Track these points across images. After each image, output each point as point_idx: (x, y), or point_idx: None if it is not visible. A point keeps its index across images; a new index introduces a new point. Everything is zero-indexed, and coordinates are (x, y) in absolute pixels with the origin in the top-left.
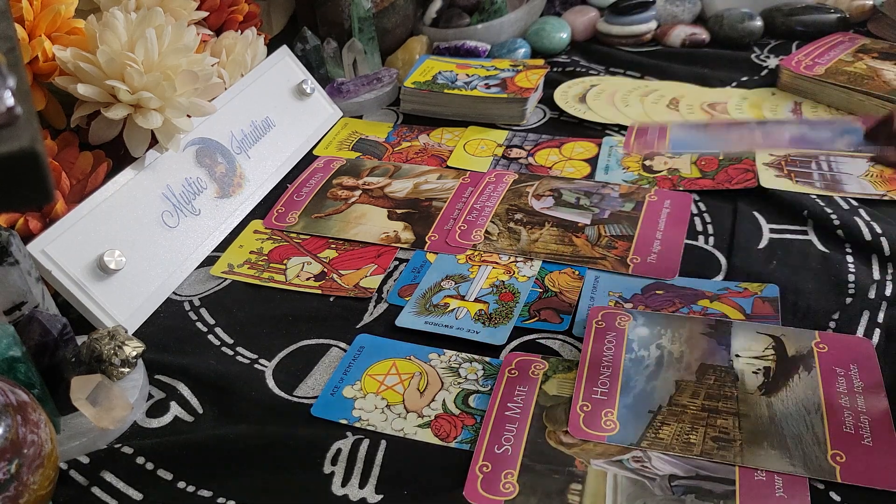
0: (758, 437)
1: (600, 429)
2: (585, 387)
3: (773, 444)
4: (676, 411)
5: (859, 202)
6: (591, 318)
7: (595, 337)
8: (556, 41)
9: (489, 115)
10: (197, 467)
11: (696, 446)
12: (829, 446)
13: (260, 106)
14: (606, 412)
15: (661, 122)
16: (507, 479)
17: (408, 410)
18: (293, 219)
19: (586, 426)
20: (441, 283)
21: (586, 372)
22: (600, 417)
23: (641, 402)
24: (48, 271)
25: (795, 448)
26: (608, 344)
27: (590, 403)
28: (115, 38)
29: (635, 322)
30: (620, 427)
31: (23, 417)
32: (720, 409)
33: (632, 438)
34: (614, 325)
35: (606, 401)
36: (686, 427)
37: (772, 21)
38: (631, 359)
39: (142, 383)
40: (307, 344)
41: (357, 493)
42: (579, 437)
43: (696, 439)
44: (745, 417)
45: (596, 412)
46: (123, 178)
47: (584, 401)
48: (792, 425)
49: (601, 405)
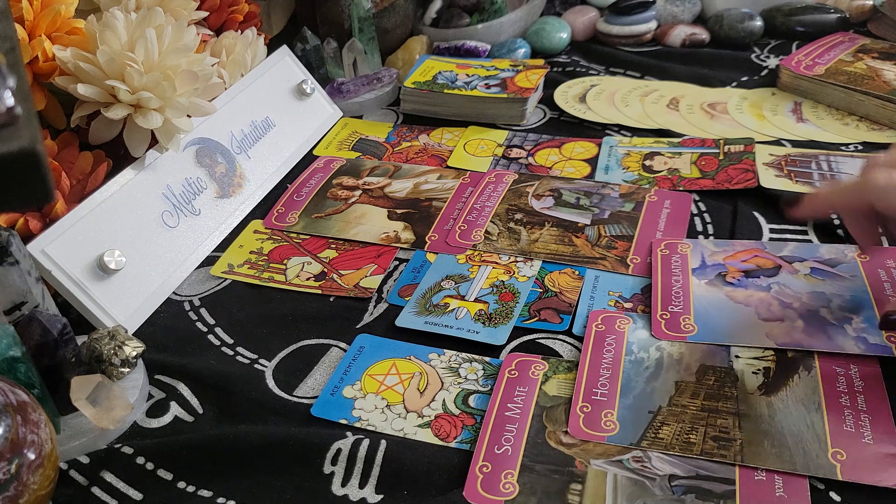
0: (758, 437)
1: (600, 429)
2: (585, 389)
3: (774, 443)
4: (676, 412)
5: None
6: (591, 321)
7: (595, 340)
8: (556, 41)
9: (489, 115)
10: (197, 467)
11: (696, 446)
12: (829, 444)
13: (260, 106)
14: (606, 413)
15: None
16: (507, 479)
17: (408, 410)
18: (293, 219)
19: (586, 427)
20: (441, 283)
21: (586, 374)
22: (600, 418)
23: (641, 403)
24: (48, 271)
25: (796, 446)
26: (608, 347)
27: (590, 405)
28: (115, 38)
29: (635, 325)
30: (620, 427)
31: (23, 417)
32: (720, 409)
33: (631, 438)
34: (614, 328)
35: (606, 402)
36: (686, 427)
37: (772, 21)
38: (631, 360)
39: (142, 383)
40: (307, 344)
41: (357, 493)
42: (579, 437)
43: (696, 439)
44: (745, 417)
45: (596, 413)
46: (123, 178)
47: (584, 402)
48: (792, 424)
49: (601, 406)
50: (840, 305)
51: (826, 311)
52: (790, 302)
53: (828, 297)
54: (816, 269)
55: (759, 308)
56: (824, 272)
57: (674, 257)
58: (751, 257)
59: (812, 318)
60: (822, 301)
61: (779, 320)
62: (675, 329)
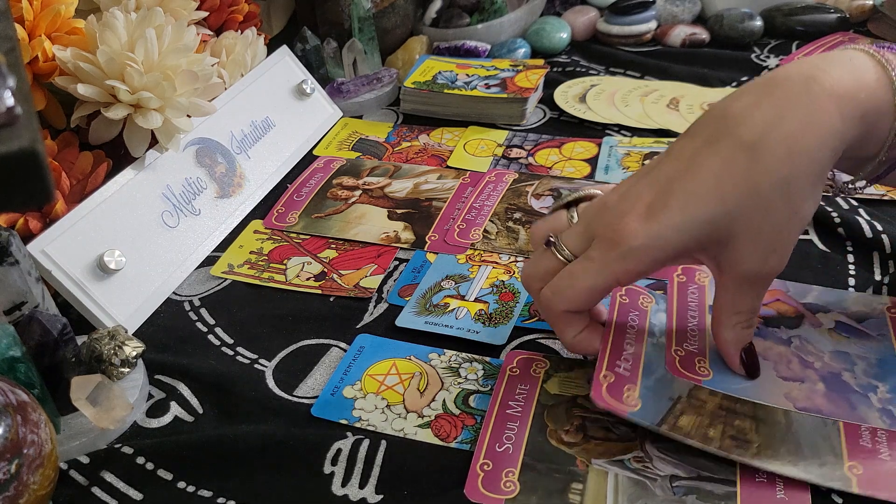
0: (774, 443)
1: (622, 402)
2: (609, 358)
3: (790, 451)
4: (696, 404)
5: (859, 202)
6: (615, 292)
7: (619, 311)
8: (556, 41)
9: (489, 115)
10: (197, 467)
11: (715, 441)
12: (845, 458)
13: (260, 106)
14: (629, 387)
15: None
16: (507, 477)
17: (408, 410)
18: (293, 219)
19: (610, 395)
20: (441, 283)
21: (611, 342)
22: (622, 392)
23: (662, 388)
24: (48, 271)
25: (812, 457)
26: (631, 322)
27: (613, 375)
28: (115, 38)
29: (657, 307)
30: (643, 405)
31: (23, 417)
32: (738, 410)
33: (654, 419)
34: (637, 303)
35: (629, 377)
36: (705, 420)
37: (772, 21)
38: (653, 343)
39: (142, 383)
40: (307, 344)
41: (357, 493)
42: (601, 404)
43: (714, 434)
44: (762, 422)
45: (619, 385)
46: (123, 178)
47: (607, 370)
48: (808, 435)
49: (623, 380)
50: (865, 370)
51: (849, 375)
52: (811, 361)
53: (852, 359)
54: (842, 323)
55: (777, 364)
56: (850, 328)
57: (690, 287)
58: (772, 300)
59: (834, 381)
60: (845, 363)
61: (799, 381)
62: (690, 369)
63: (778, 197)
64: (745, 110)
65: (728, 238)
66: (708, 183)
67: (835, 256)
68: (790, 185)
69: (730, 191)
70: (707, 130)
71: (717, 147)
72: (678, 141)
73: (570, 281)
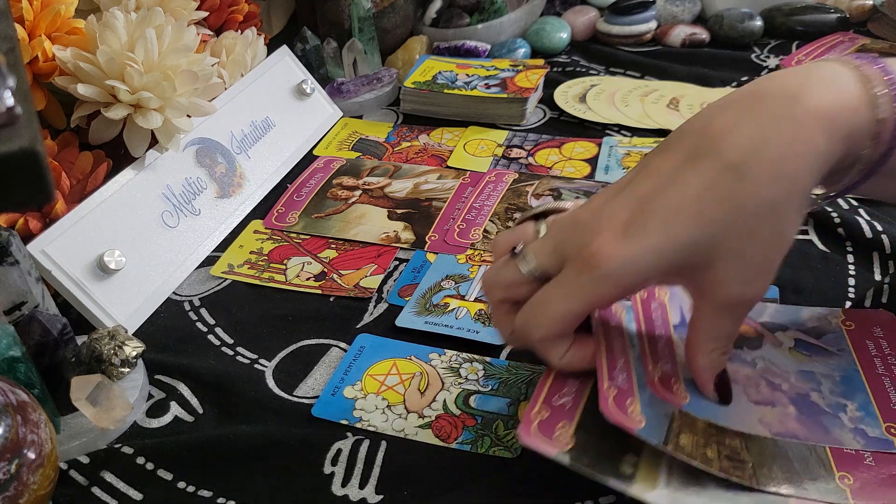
0: (766, 460)
1: (628, 417)
2: (608, 368)
3: (782, 467)
4: (688, 423)
5: (859, 202)
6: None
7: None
8: (556, 41)
9: (489, 115)
10: (197, 467)
11: (714, 462)
12: (834, 469)
13: (260, 106)
14: (630, 401)
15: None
16: (563, 429)
17: (408, 411)
18: (293, 219)
19: (617, 407)
20: (441, 283)
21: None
22: (626, 405)
23: (657, 404)
24: (48, 271)
25: (804, 471)
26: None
27: (615, 388)
28: (115, 38)
29: (629, 317)
30: (647, 421)
31: (23, 417)
32: (726, 429)
33: (659, 437)
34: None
35: (627, 389)
36: (700, 440)
37: (772, 21)
38: (635, 357)
39: (142, 383)
40: (307, 344)
41: (357, 493)
42: (612, 418)
43: (712, 454)
44: (749, 439)
45: (622, 398)
46: (123, 178)
47: (609, 381)
48: (794, 448)
49: (625, 393)
50: (831, 389)
51: (817, 395)
52: (779, 383)
53: (817, 378)
54: (801, 341)
55: (747, 388)
56: (809, 345)
57: (653, 304)
58: None
59: (804, 403)
60: (812, 383)
61: (769, 404)
62: (668, 391)
63: (763, 219)
64: (728, 128)
65: (709, 262)
66: (690, 203)
67: (835, 256)
68: (776, 208)
69: (713, 212)
70: (686, 147)
71: (699, 166)
72: (654, 156)
73: (544, 308)
